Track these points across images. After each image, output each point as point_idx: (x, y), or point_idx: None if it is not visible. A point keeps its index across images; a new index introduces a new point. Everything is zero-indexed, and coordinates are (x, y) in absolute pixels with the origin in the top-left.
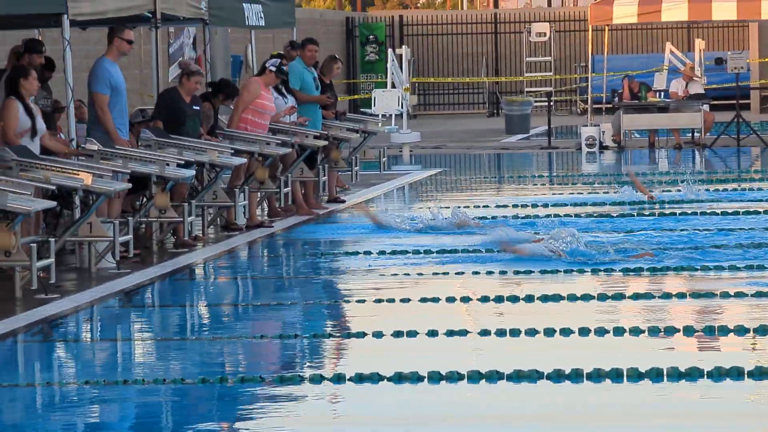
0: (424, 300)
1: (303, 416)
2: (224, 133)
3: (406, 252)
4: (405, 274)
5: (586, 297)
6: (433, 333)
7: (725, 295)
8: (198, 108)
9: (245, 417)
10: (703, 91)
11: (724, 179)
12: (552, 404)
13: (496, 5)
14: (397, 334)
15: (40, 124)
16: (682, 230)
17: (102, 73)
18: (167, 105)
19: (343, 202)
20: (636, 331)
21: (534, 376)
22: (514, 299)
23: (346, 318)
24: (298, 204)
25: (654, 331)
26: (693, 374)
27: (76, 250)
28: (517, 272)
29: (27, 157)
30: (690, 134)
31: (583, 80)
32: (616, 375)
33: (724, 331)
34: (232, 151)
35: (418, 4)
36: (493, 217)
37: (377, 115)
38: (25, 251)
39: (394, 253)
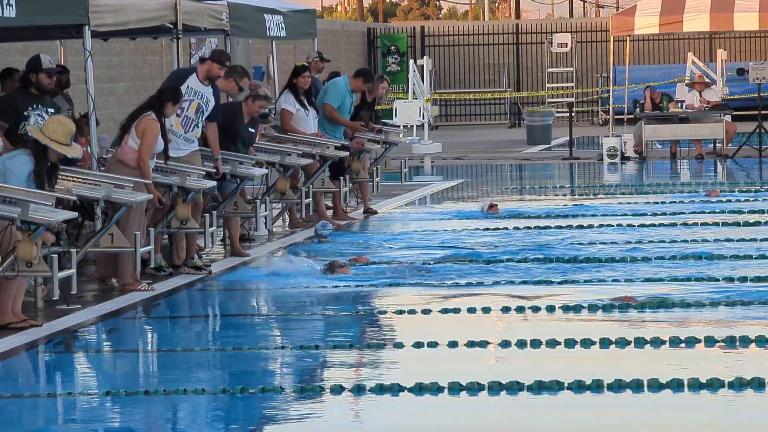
0: (444, 311)
1: (323, 427)
2: None
3: (428, 262)
4: (426, 284)
5: (608, 308)
6: (453, 344)
7: (746, 304)
8: (253, 131)
9: (265, 428)
10: (719, 98)
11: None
12: (573, 415)
13: (517, 16)
14: (418, 344)
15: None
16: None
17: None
18: (225, 119)
19: (375, 212)
20: (657, 342)
21: (555, 387)
22: (535, 310)
23: (367, 329)
24: (321, 214)
25: (675, 342)
26: (714, 385)
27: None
28: (537, 282)
29: None
30: (712, 145)
31: (605, 91)
32: (636, 386)
33: (745, 341)
34: (253, 162)
35: (440, 15)
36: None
37: (399, 126)
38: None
39: (414, 263)
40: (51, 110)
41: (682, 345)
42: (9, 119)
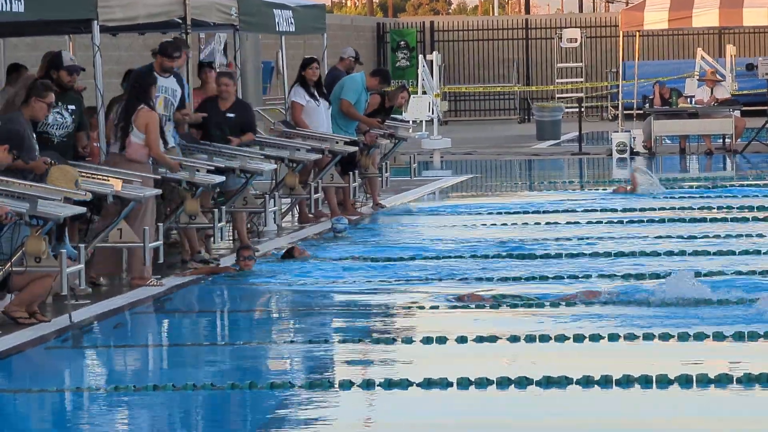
0: (453, 306)
1: (332, 422)
2: (256, 139)
3: (437, 257)
4: (434, 279)
5: (618, 303)
6: (462, 339)
7: (753, 301)
8: (232, 116)
9: (275, 423)
10: (729, 95)
11: None
12: (581, 410)
13: (527, 11)
14: (427, 340)
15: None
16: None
17: None
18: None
19: (383, 207)
20: (665, 337)
21: (563, 382)
22: (541, 306)
23: (376, 324)
24: (332, 210)
25: (683, 338)
26: (722, 380)
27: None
28: (545, 278)
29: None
30: (721, 140)
31: (614, 86)
32: (645, 381)
33: (754, 336)
34: (263, 157)
35: (450, 10)
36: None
37: (408, 121)
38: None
39: (426, 258)
40: (72, 107)
41: (691, 340)
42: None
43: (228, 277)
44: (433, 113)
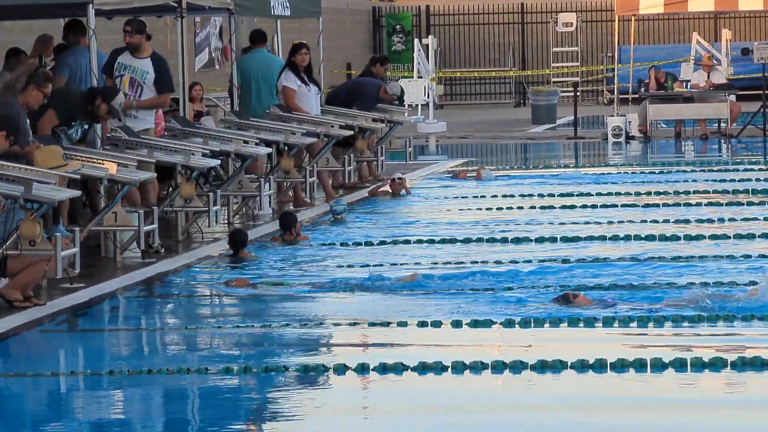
0: (448, 290)
1: (326, 406)
2: (251, 123)
3: (432, 241)
4: (430, 264)
5: (611, 287)
6: (457, 323)
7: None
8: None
9: (268, 407)
10: (724, 80)
11: None
12: (576, 394)
13: None
14: (422, 324)
15: None
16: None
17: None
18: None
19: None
20: (660, 321)
21: (558, 366)
22: (538, 289)
23: (371, 308)
24: (327, 194)
25: (678, 321)
26: (716, 364)
27: (102, 240)
28: (542, 261)
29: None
30: (716, 124)
31: (610, 70)
32: (639, 365)
33: (748, 320)
34: (258, 141)
35: None
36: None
37: (403, 105)
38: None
39: (420, 242)
40: (86, 126)
41: (686, 324)
42: (60, 116)
43: (221, 260)
44: (428, 97)
